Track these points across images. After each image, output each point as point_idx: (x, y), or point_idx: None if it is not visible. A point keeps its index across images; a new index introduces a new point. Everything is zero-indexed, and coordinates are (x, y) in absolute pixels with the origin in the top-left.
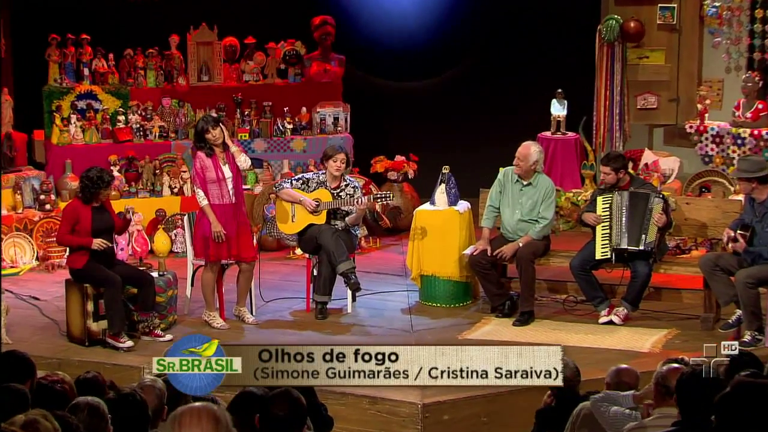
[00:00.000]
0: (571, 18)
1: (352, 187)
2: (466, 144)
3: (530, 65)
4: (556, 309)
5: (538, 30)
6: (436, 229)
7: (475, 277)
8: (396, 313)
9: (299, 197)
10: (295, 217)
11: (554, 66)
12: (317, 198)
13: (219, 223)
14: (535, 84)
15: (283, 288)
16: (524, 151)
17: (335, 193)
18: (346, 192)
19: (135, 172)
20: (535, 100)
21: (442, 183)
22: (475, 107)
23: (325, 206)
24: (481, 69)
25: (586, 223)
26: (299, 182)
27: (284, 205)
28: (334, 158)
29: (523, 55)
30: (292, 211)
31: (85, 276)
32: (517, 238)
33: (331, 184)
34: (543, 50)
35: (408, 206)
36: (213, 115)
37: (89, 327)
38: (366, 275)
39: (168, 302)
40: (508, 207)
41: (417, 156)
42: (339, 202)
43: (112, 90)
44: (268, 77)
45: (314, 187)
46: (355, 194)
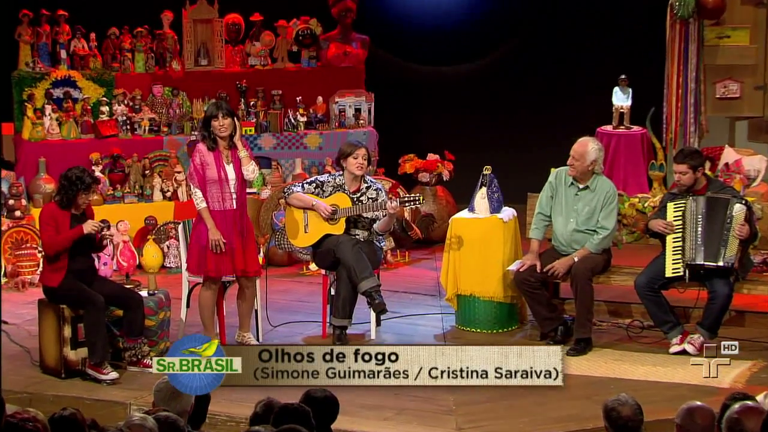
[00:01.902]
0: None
1: (375, 189)
2: (511, 140)
3: (587, 46)
4: (619, 336)
5: (597, 5)
6: (475, 240)
7: (521, 298)
8: (428, 340)
9: (312, 202)
10: (308, 227)
11: (617, 47)
12: (334, 204)
13: (218, 230)
14: (593, 69)
15: (295, 310)
16: (580, 148)
17: (355, 198)
18: (368, 196)
19: (121, 172)
20: (593, 88)
21: (482, 186)
22: (521, 97)
23: (343, 213)
24: (529, 51)
25: (654, 232)
26: (312, 186)
27: (295, 212)
28: (354, 155)
29: (579, 34)
30: (304, 220)
31: (61, 295)
32: (572, 251)
33: (351, 187)
34: (603, 29)
35: (442, 213)
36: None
37: (66, 356)
38: (393, 295)
39: (159, 326)
40: (561, 215)
41: (453, 154)
42: (360, 207)
43: (93, 76)
44: (277, 61)
45: (330, 191)
46: (379, 197)
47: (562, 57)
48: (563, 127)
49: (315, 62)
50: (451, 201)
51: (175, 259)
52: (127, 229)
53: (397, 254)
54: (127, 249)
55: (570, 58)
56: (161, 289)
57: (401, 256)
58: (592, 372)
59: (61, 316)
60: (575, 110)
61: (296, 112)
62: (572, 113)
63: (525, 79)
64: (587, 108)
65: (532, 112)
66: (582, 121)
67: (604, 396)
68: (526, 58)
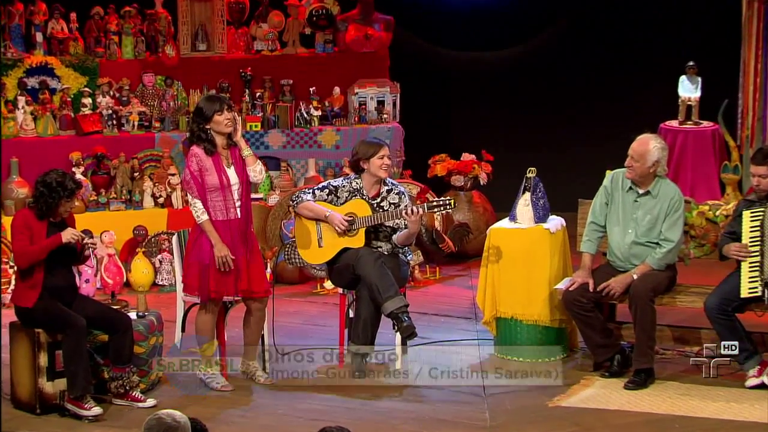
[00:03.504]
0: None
1: (397, 193)
2: (559, 138)
3: (648, 28)
4: (685, 366)
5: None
6: (517, 254)
7: (571, 322)
8: (462, 370)
9: (325, 213)
10: (322, 241)
11: (683, 30)
12: (351, 212)
13: (225, 244)
14: (655, 55)
15: (308, 335)
16: (641, 147)
17: (375, 204)
18: (389, 201)
19: (105, 175)
20: (655, 77)
21: (526, 191)
22: (571, 87)
23: (362, 223)
24: (579, 34)
25: (727, 257)
26: (325, 192)
27: (306, 224)
28: (378, 154)
29: (638, 14)
30: (317, 232)
31: (37, 317)
32: (631, 267)
33: (370, 192)
34: (667, 8)
35: (479, 223)
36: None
37: (42, 388)
38: (421, 317)
39: (150, 353)
40: (617, 225)
41: (491, 154)
42: (381, 215)
43: (74, 63)
44: (288, 46)
45: (346, 198)
46: (402, 202)
47: (618, 41)
48: (620, 123)
49: (331, 47)
50: (489, 208)
51: (168, 276)
52: (112, 241)
53: (427, 270)
54: (113, 264)
55: (628, 42)
56: (152, 310)
57: (431, 273)
58: (654, 409)
59: (36, 341)
60: (634, 103)
61: (309, 105)
62: (631, 106)
63: (575, 66)
64: (648, 100)
65: (583, 106)
66: (642, 115)
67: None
68: (577, 42)
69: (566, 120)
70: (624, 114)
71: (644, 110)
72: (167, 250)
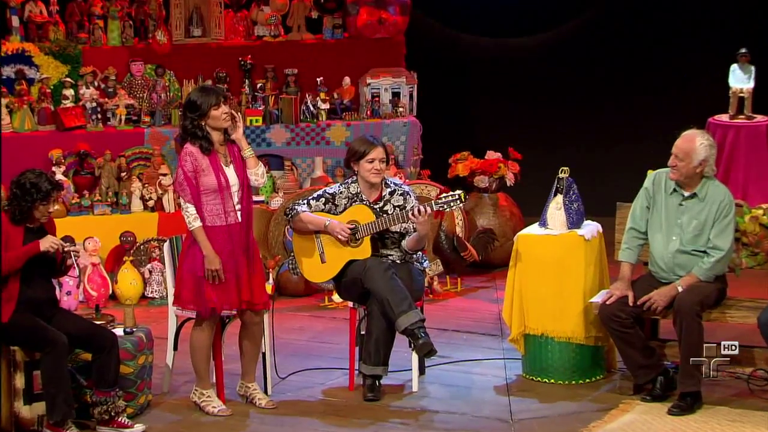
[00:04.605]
0: None
1: (401, 193)
2: (594, 134)
3: (695, 12)
4: (737, 389)
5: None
6: (548, 264)
7: (609, 340)
8: (487, 392)
9: (325, 222)
10: (324, 255)
11: (734, 13)
12: (353, 220)
13: (218, 255)
14: (703, 42)
15: (314, 353)
16: (686, 145)
17: (378, 209)
18: (392, 203)
19: (89, 175)
20: (703, 66)
21: (558, 193)
22: (607, 77)
23: (366, 231)
24: (615, 19)
25: None
26: (321, 201)
27: (304, 240)
28: (368, 156)
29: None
30: (318, 247)
31: (12, 334)
32: (675, 278)
33: (370, 196)
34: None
35: (505, 228)
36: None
37: (18, 412)
38: (441, 334)
39: (138, 375)
40: (660, 231)
41: (519, 152)
42: (386, 220)
43: (54, 50)
44: (292, 31)
45: (345, 205)
46: (408, 203)
47: (660, 25)
48: (663, 118)
49: (341, 33)
50: (517, 212)
51: (159, 288)
52: (97, 249)
53: (447, 281)
54: (97, 274)
55: (671, 27)
56: (141, 326)
57: (451, 284)
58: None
59: (12, 361)
60: (679, 95)
61: (316, 97)
62: (675, 99)
63: (612, 54)
64: (695, 92)
65: (621, 98)
66: (688, 109)
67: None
68: (613, 27)
69: (603, 114)
70: (667, 107)
71: (690, 103)
72: (158, 259)
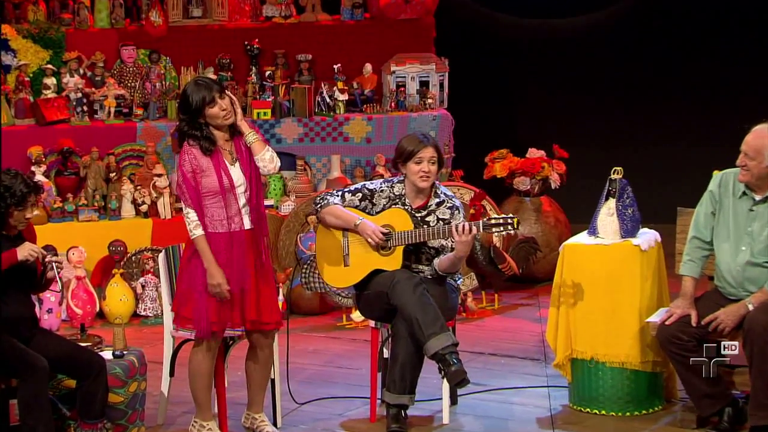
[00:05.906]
0: None
1: (450, 207)
2: (651, 131)
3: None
4: None
5: None
6: (599, 278)
7: (669, 365)
8: (528, 425)
9: (355, 221)
10: (349, 258)
11: None
12: (387, 224)
13: (220, 269)
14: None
15: (330, 380)
16: (757, 142)
17: (420, 218)
18: (437, 215)
19: (74, 176)
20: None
21: (610, 197)
22: (665, 67)
23: (400, 240)
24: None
25: None
26: (357, 196)
27: (330, 237)
28: (418, 156)
29: None
30: (344, 248)
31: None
32: (745, 295)
33: (414, 201)
34: None
35: (549, 237)
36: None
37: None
38: (475, 359)
39: (129, 404)
40: (727, 240)
41: (565, 150)
42: (425, 232)
43: (34, 33)
44: (305, 11)
45: (384, 206)
46: (454, 220)
47: (726, 8)
48: (730, 112)
49: (361, 13)
50: (563, 219)
51: (153, 305)
52: (82, 260)
53: (482, 298)
54: (83, 289)
55: (739, 10)
56: (133, 348)
57: (488, 301)
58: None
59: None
60: (748, 87)
61: (333, 86)
62: (744, 91)
63: (670, 40)
64: (765, 83)
65: (682, 90)
66: (759, 102)
67: None
68: (673, 8)
69: (660, 108)
70: (735, 101)
71: (761, 96)
72: (152, 272)
